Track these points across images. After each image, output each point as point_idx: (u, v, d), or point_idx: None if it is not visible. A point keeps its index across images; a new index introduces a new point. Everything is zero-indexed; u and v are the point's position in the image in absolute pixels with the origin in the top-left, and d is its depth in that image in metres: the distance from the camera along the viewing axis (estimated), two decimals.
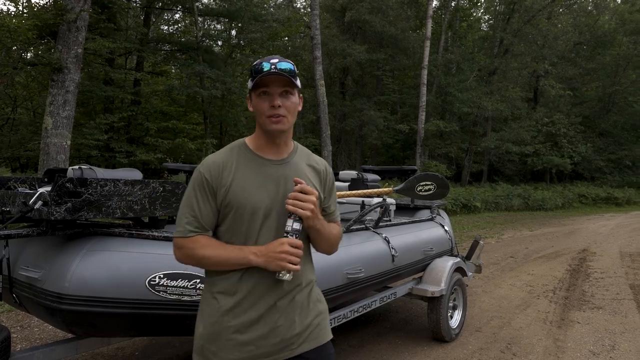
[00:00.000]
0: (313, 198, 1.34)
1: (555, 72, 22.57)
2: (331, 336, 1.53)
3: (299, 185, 1.35)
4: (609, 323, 4.41)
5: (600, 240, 10.24)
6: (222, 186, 1.38)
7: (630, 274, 6.73)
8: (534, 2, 21.06)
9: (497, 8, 23.97)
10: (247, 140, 1.48)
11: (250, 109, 1.43)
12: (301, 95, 1.47)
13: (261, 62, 1.37)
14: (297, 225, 1.35)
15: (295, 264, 1.33)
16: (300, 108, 1.45)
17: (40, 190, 1.94)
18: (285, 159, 1.45)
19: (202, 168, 1.41)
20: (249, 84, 1.40)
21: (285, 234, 1.35)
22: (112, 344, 3.05)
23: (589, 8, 27.21)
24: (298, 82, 1.40)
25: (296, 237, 1.35)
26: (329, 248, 1.52)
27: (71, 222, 2.09)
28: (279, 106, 1.36)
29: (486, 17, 27.35)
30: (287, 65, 1.37)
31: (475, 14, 26.86)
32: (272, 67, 1.35)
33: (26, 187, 2.37)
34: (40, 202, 1.88)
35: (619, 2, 29.43)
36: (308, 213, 1.33)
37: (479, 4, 25.97)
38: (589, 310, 4.84)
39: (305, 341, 1.44)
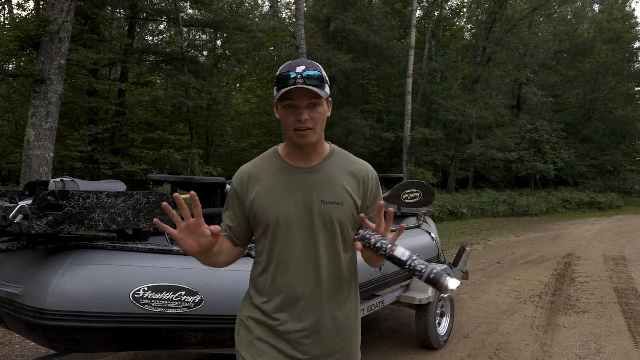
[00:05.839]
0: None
1: (537, 80, 22.97)
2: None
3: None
4: (595, 327, 4.46)
5: (584, 245, 10.37)
6: (249, 195, 1.38)
7: (614, 277, 6.82)
8: (515, 12, 21.48)
9: (480, 18, 24.39)
10: (280, 147, 1.44)
11: (277, 116, 1.37)
12: (330, 100, 1.38)
13: (286, 71, 1.28)
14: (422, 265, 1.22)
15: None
16: (329, 114, 1.38)
17: (21, 203, 1.91)
18: (315, 167, 1.39)
19: (234, 178, 1.44)
20: (275, 92, 1.32)
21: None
22: None
23: (569, 17, 27.85)
24: (327, 90, 1.33)
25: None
26: (376, 264, 1.44)
27: (53, 236, 2.05)
28: (306, 120, 1.29)
29: (469, 26, 27.82)
30: (314, 72, 1.28)
31: (458, 24, 27.29)
32: (298, 76, 1.27)
33: (6, 201, 2.33)
34: (20, 216, 1.84)
35: (598, 11, 30.17)
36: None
37: (462, 13, 26.41)
38: (574, 314, 4.89)
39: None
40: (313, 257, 1.35)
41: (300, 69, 1.28)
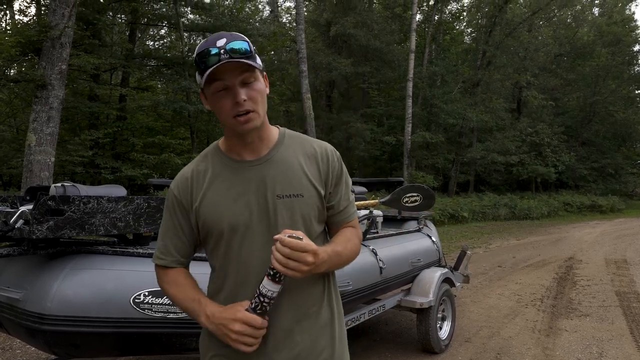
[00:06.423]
0: (308, 257, 1.03)
1: (537, 83, 23.01)
2: None
3: (280, 237, 1.03)
4: (596, 330, 4.44)
5: (586, 248, 10.35)
6: (194, 202, 1.16)
7: (615, 280, 6.80)
8: (515, 16, 21.53)
9: (479, 21, 24.45)
10: (220, 141, 1.23)
11: (208, 107, 1.15)
12: (265, 74, 1.17)
13: (206, 47, 1.07)
14: (273, 288, 1.06)
15: (250, 345, 1.08)
16: (268, 91, 1.16)
17: (22, 208, 1.91)
18: (265, 156, 1.17)
19: (172, 184, 1.21)
20: (198, 78, 1.12)
21: (255, 297, 1.07)
22: None
23: (568, 21, 27.90)
24: (258, 61, 1.12)
25: (269, 305, 1.07)
26: (346, 265, 1.25)
27: (53, 241, 2.06)
28: (244, 100, 1.07)
29: (469, 30, 27.88)
30: (239, 44, 1.08)
31: (458, 28, 27.35)
32: (221, 51, 1.06)
33: (7, 206, 2.33)
34: (21, 221, 1.85)
35: (597, 15, 30.25)
36: (299, 274, 1.04)
37: (462, 17, 26.47)
38: (576, 318, 4.87)
39: None
40: None
41: (221, 42, 1.07)
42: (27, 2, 16.66)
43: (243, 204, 1.14)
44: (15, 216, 1.86)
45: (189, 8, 15.26)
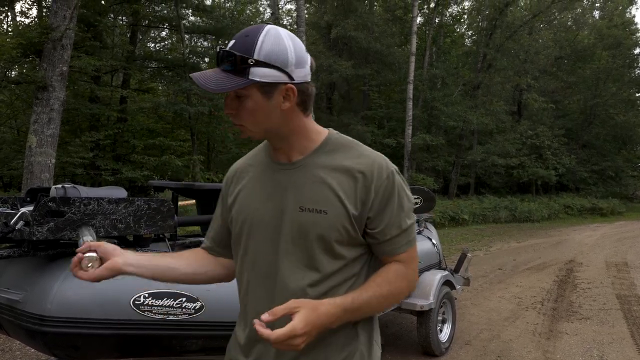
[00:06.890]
0: (295, 342, 0.90)
1: (538, 86, 23.00)
2: None
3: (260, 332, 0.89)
4: (597, 334, 4.43)
5: (586, 251, 10.34)
6: (230, 197, 1.15)
7: (616, 283, 6.79)
8: (515, 18, 21.56)
9: (480, 24, 24.49)
10: None
11: None
12: (288, 86, 0.98)
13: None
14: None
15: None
16: (286, 105, 0.99)
17: (22, 210, 1.91)
18: (297, 162, 1.05)
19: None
20: None
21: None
22: None
23: (569, 24, 27.95)
24: (253, 74, 0.95)
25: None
26: (384, 310, 1.11)
27: (54, 242, 2.06)
28: (229, 113, 1.01)
29: (469, 33, 27.93)
30: (227, 57, 0.96)
31: (458, 30, 27.39)
32: (219, 55, 0.98)
33: (7, 207, 2.33)
34: (21, 222, 1.85)
35: (598, 18, 30.29)
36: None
37: (462, 20, 26.52)
38: (577, 321, 4.86)
39: None
40: (274, 281, 1.04)
41: (230, 44, 0.97)
42: (28, 4, 16.69)
43: (269, 206, 1.06)
44: (15, 217, 1.86)
45: (190, 10, 15.29)
